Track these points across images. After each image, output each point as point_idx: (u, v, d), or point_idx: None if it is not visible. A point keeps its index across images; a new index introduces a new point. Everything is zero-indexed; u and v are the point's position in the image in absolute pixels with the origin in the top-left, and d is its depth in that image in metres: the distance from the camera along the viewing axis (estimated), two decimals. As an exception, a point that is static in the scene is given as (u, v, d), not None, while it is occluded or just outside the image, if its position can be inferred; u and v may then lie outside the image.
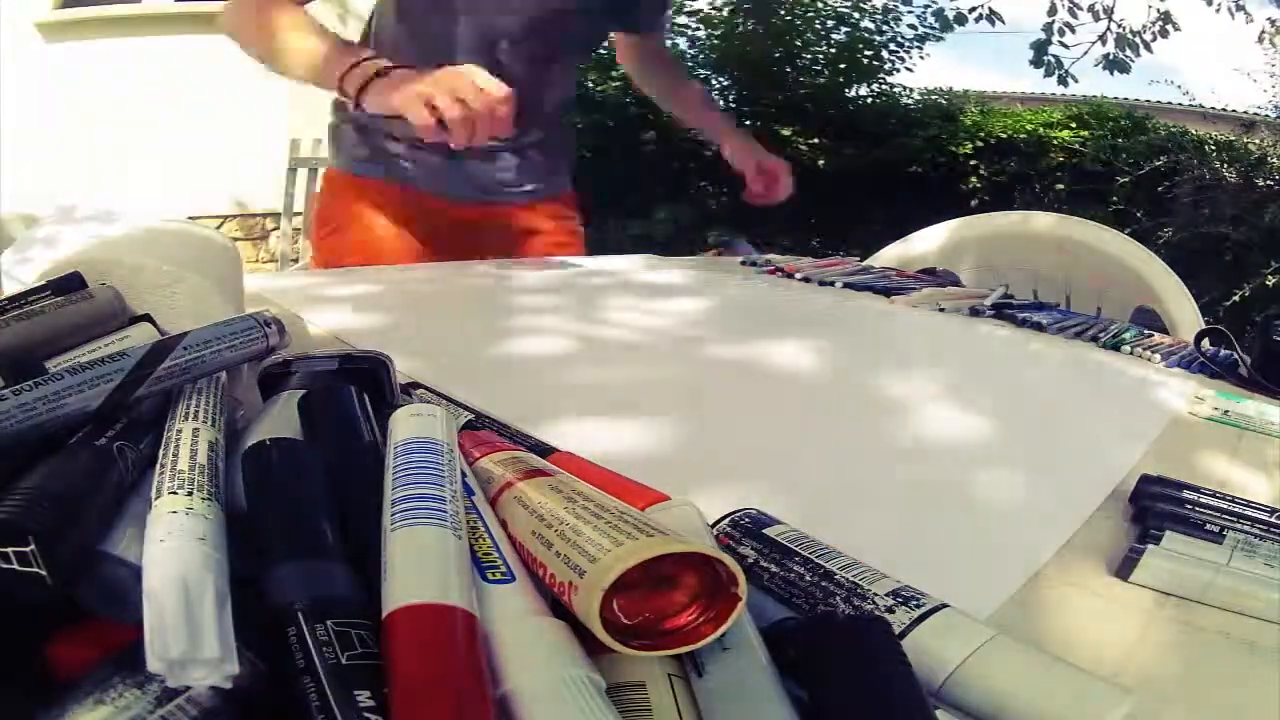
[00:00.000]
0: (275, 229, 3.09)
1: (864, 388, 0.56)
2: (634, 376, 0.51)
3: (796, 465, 0.40)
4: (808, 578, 0.23)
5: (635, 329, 0.63)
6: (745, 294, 0.84)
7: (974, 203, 3.65)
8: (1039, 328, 0.76)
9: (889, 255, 1.27)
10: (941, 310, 0.81)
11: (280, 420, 0.26)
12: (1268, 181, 3.08)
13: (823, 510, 0.34)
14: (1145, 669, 0.25)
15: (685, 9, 4.01)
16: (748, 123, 4.00)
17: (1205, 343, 0.69)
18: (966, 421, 0.49)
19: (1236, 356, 0.67)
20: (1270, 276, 2.96)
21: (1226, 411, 0.54)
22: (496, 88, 0.69)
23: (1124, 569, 0.30)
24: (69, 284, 0.32)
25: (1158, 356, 0.67)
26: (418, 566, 0.18)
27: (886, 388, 0.56)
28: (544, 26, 0.87)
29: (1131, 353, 0.68)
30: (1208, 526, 0.33)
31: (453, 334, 0.58)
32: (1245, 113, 3.93)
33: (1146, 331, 0.84)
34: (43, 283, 0.32)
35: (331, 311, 0.57)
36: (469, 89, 0.67)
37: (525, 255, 1.00)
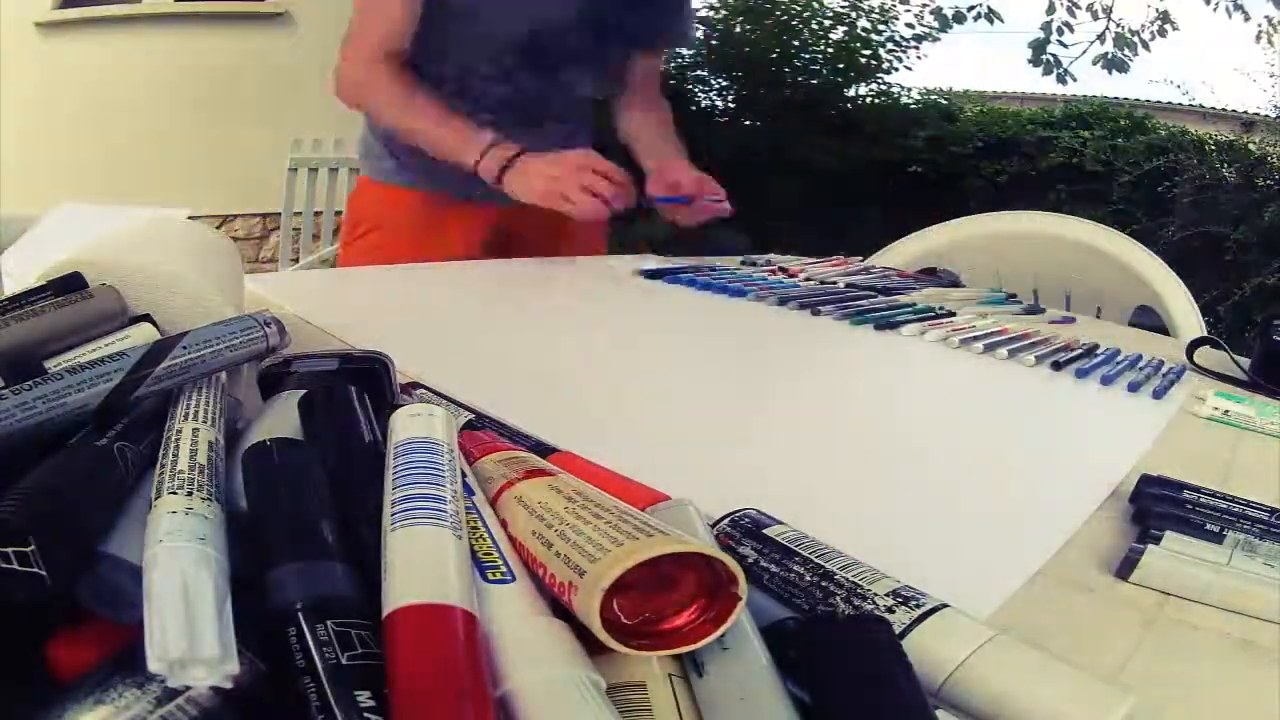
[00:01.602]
0: (276, 229, 3.09)
1: (865, 388, 0.56)
2: (635, 376, 0.51)
3: (797, 465, 0.40)
4: (808, 578, 0.23)
5: (636, 328, 0.63)
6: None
7: (973, 203, 3.65)
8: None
9: (889, 255, 1.26)
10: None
11: (280, 420, 0.26)
12: (1268, 181, 3.08)
13: (823, 511, 0.34)
14: (1145, 669, 0.25)
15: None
16: (746, 122, 3.99)
17: (1200, 352, 0.69)
18: (967, 422, 0.49)
19: (1231, 359, 0.67)
20: (1270, 276, 2.96)
21: (1226, 411, 0.54)
22: (610, 170, 0.83)
23: (1124, 569, 0.30)
24: (69, 284, 0.32)
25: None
26: (418, 566, 0.18)
27: (888, 388, 0.56)
28: (549, 38, 0.91)
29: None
30: (1208, 526, 0.33)
31: (454, 333, 0.58)
32: (1245, 113, 3.93)
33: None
34: (43, 283, 0.32)
35: (333, 311, 0.57)
36: (591, 179, 0.82)
37: (558, 254, 1.00)
